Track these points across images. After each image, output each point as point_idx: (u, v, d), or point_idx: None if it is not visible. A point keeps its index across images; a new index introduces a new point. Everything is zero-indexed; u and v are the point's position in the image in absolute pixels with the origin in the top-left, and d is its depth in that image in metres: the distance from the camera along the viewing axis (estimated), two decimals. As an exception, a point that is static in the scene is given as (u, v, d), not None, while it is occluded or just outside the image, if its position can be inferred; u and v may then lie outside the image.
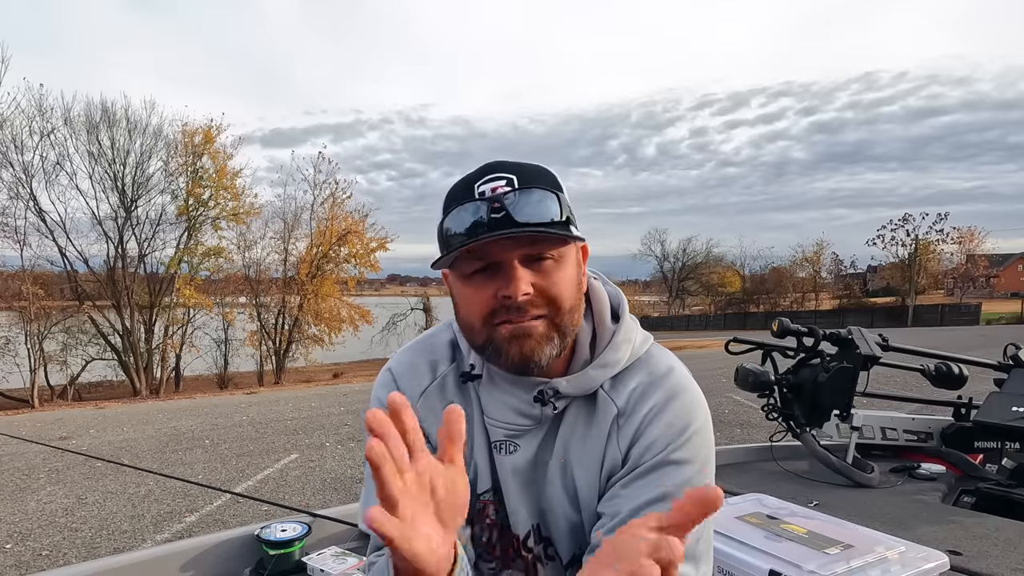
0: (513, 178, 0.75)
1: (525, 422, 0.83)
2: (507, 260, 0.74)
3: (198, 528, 4.47)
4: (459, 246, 0.73)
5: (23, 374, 17.36)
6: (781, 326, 2.23)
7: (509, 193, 0.73)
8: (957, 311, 35.36)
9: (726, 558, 1.19)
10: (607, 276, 0.93)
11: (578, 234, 0.77)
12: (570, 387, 0.81)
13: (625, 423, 0.79)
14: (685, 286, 52.96)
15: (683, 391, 0.80)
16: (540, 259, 0.75)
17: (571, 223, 0.76)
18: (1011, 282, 54.78)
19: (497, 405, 0.84)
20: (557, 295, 0.76)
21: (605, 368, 0.81)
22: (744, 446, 2.39)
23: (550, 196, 0.74)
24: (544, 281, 0.75)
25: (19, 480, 5.90)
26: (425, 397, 0.88)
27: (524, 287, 0.73)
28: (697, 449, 0.77)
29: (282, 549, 1.36)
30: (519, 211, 0.72)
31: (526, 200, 0.73)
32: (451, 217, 0.75)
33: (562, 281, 0.76)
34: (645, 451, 0.77)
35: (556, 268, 0.76)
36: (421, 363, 0.90)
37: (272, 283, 22.96)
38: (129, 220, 19.29)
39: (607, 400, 0.81)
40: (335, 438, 7.44)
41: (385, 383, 0.91)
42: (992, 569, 1.38)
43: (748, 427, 7.01)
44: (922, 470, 2.14)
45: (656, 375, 0.81)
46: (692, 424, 0.78)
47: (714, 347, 18.83)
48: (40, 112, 17.55)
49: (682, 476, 0.75)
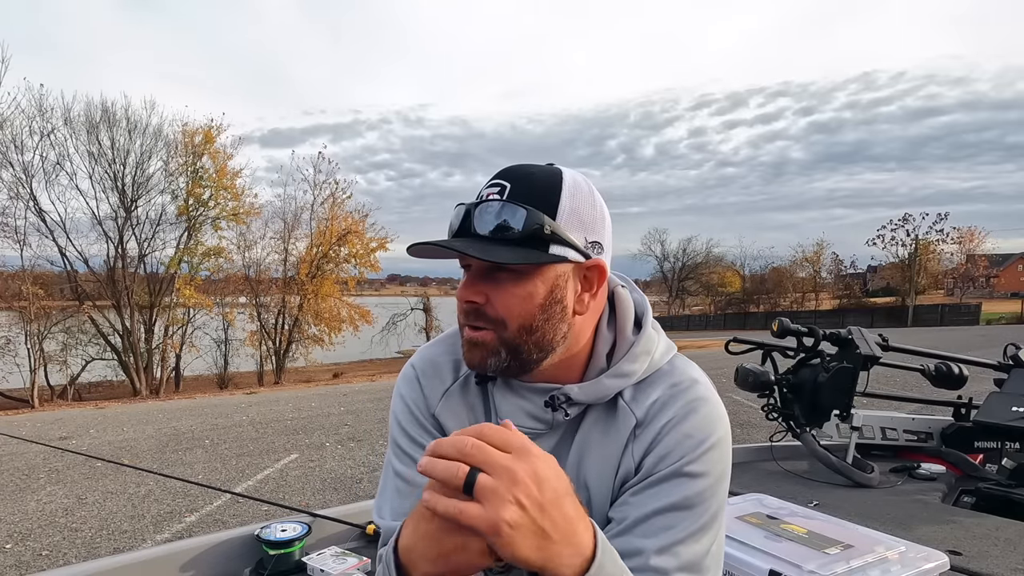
0: (507, 186, 0.75)
1: (537, 426, 0.82)
2: (471, 266, 0.78)
3: (198, 528, 4.47)
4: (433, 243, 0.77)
5: (23, 374, 17.34)
6: (781, 326, 2.23)
7: (493, 202, 0.74)
8: (957, 311, 35.38)
9: (726, 558, 1.19)
10: (627, 279, 0.91)
11: (558, 253, 0.75)
12: (582, 394, 0.80)
13: (642, 432, 0.78)
14: (685, 286, 52.94)
15: (704, 404, 0.79)
16: (497, 270, 0.75)
17: (550, 240, 0.74)
18: (1011, 282, 54.78)
19: (510, 407, 0.84)
20: (503, 311, 0.75)
21: (620, 378, 0.80)
22: (744, 446, 2.38)
23: (518, 211, 0.73)
24: (495, 293, 0.76)
25: (19, 480, 5.90)
26: (447, 397, 0.88)
27: (469, 294, 0.76)
28: (713, 463, 0.76)
29: (282, 549, 1.36)
30: (478, 222, 0.74)
31: (488, 212, 0.74)
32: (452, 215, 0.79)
33: (513, 298, 0.75)
34: (660, 461, 0.76)
35: (511, 283, 0.75)
36: (444, 361, 0.90)
37: (272, 283, 22.94)
38: (129, 220, 19.29)
39: (627, 410, 0.80)
40: (335, 438, 7.44)
41: (408, 380, 0.91)
42: (992, 569, 1.38)
43: (748, 427, 7.01)
44: (922, 470, 2.14)
45: (679, 387, 0.80)
46: (710, 438, 0.76)
47: (714, 347, 18.82)
48: (40, 112, 17.55)
49: (694, 489, 0.74)
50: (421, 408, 0.88)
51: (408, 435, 0.87)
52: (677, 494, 0.74)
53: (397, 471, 0.86)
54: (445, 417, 0.87)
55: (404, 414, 0.88)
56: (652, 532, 0.73)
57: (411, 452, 0.86)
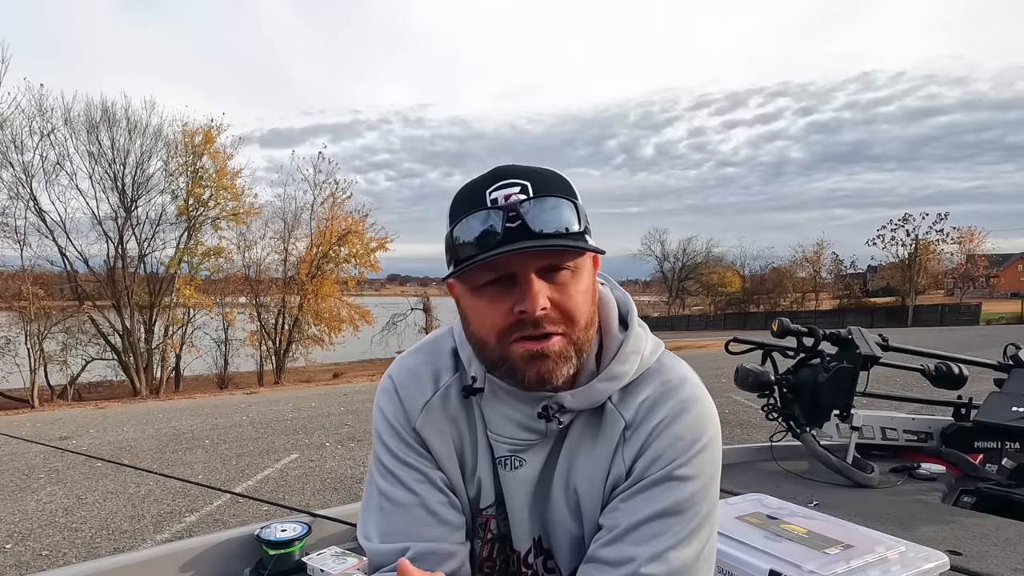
0: (527, 184, 0.71)
1: (530, 437, 0.80)
2: (523, 272, 0.70)
3: (198, 528, 4.47)
4: (471, 256, 0.70)
5: (23, 374, 17.35)
6: (781, 326, 2.23)
7: (525, 201, 0.70)
8: (957, 311, 35.37)
9: (726, 558, 1.19)
10: (607, 276, 0.89)
11: (595, 244, 0.74)
12: (575, 401, 0.78)
13: (632, 435, 0.77)
14: (685, 286, 52.96)
15: (694, 403, 0.77)
16: (556, 270, 0.72)
17: (587, 232, 0.73)
18: (1011, 282, 54.77)
19: (501, 420, 0.81)
20: (573, 309, 0.73)
21: (612, 381, 0.78)
22: (744, 446, 2.38)
23: (566, 204, 0.71)
24: (560, 295, 0.72)
25: (19, 480, 5.89)
26: (427, 411, 0.84)
27: (542, 301, 0.70)
28: (704, 465, 0.75)
29: (282, 549, 1.36)
30: (535, 220, 0.69)
31: (541, 208, 0.70)
32: (461, 225, 0.72)
33: (578, 294, 0.73)
34: (651, 464, 0.75)
35: (573, 280, 0.73)
36: (424, 371, 0.86)
37: (272, 283, 22.96)
38: (129, 220, 19.30)
39: (615, 413, 0.79)
40: (335, 438, 7.44)
41: (387, 393, 0.87)
42: (992, 569, 1.38)
43: (748, 427, 7.01)
44: (922, 470, 2.14)
45: (668, 386, 0.78)
46: (701, 439, 0.76)
47: (714, 347, 18.83)
48: (40, 112, 17.58)
49: (684, 493, 0.74)
50: (402, 422, 0.84)
51: (390, 451, 0.84)
52: (668, 499, 0.73)
53: (381, 489, 0.83)
54: (427, 432, 0.84)
55: (385, 429, 0.85)
56: (643, 539, 0.73)
57: (394, 470, 0.83)
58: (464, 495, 0.85)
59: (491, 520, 0.86)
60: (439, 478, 0.83)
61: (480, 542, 0.87)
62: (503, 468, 0.83)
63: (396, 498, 0.81)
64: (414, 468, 0.82)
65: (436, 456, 0.84)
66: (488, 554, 0.87)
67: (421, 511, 0.81)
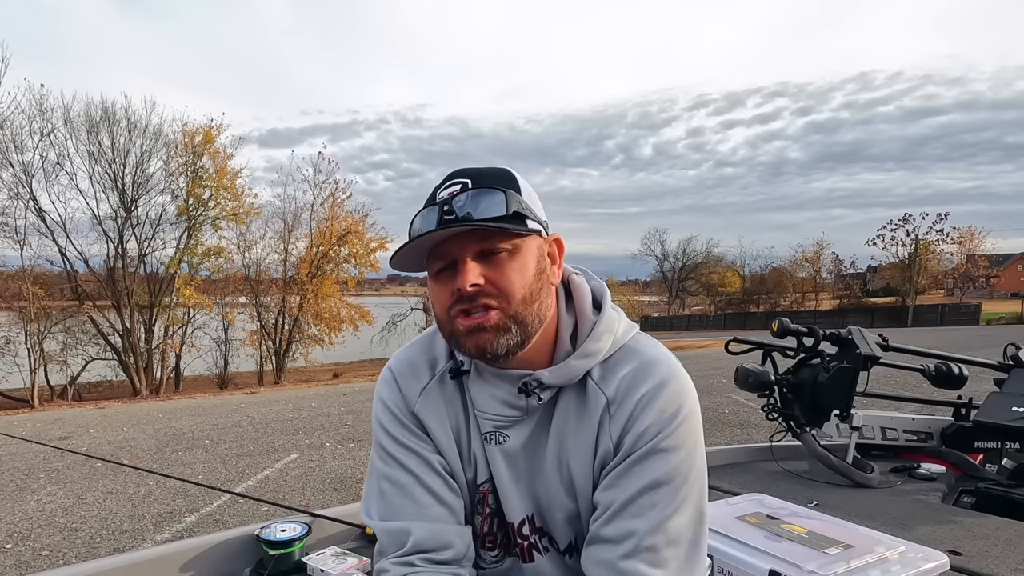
0: (467, 182, 0.80)
1: (513, 413, 0.86)
2: (461, 256, 0.79)
3: (198, 528, 4.47)
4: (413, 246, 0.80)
5: (23, 374, 17.35)
6: (781, 326, 2.23)
7: (460, 194, 0.78)
8: (957, 311, 35.36)
9: (726, 558, 1.19)
10: (606, 276, 0.94)
11: (534, 226, 0.81)
12: (553, 378, 0.83)
13: (616, 411, 0.82)
14: (685, 286, 52.93)
15: (673, 378, 0.82)
16: (494, 253, 0.79)
17: (524, 217, 0.80)
18: (1011, 282, 54.77)
19: (485, 398, 0.87)
20: (508, 286, 0.79)
21: (587, 358, 0.84)
22: (744, 446, 2.39)
23: (497, 193, 0.78)
24: (495, 273, 0.79)
25: (19, 480, 5.90)
26: (425, 395, 0.90)
27: (472, 278, 0.77)
28: (685, 435, 0.80)
29: (282, 549, 1.36)
30: (464, 210, 0.77)
31: (472, 200, 0.78)
32: (414, 222, 0.81)
33: (513, 272, 0.79)
34: (637, 439, 0.80)
35: (509, 260, 0.80)
36: (420, 361, 0.93)
37: (272, 283, 22.95)
38: (129, 220, 19.29)
39: (596, 390, 0.84)
40: (335, 438, 7.44)
41: (387, 382, 0.93)
42: (992, 569, 1.38)
43: (748, 427, 7.01)
44: (922, 470, 2.14)
45: (646, 363, 0.83)
46: (682, 410, 0.80)
47: (714, 347, 18.82)
48: (40, 112, 17.57)
49: (671, 463, 0.78)
50: (401, 408, 0.91)
51: (391, 436, 0.90)
52: (658, 471, 0.78)
53: (382, 472, 0.89)
54: (425, 414, 0.90)
55: (385, 415, 0.91)
56: (640, 512, 0.78)
57: (394, 453, 0.89)
58: (463, 476, 0.91)
59: (488, 495, 0.91)
60: (438, 462, 0.89)
61: (480, 517, 0.92)
62: (488, 443, 0.89)
63: (396, 480, 0.87)
64: (413, 452, 0.88)
65: (435, 439, 0.90)
66: (489, 528, 0.92)
67: (421, 491, 0.87)
